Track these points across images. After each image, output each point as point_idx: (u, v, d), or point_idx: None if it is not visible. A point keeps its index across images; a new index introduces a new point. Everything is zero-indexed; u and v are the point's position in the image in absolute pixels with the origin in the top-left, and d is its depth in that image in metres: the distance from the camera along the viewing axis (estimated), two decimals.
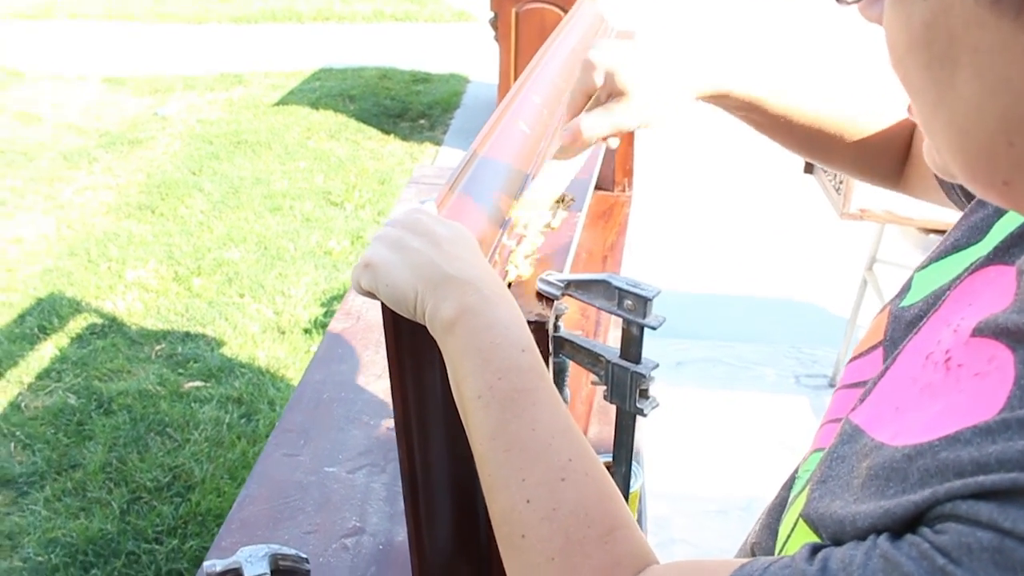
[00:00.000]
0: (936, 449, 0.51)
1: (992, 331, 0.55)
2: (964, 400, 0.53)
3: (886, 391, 0.63)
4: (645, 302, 0.81)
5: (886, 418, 0.60)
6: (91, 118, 6.03)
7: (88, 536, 2.57)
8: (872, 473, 0.55)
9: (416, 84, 6.75)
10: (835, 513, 0.56)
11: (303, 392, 1.52)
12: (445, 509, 0.95)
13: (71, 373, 3.31)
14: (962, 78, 0.47)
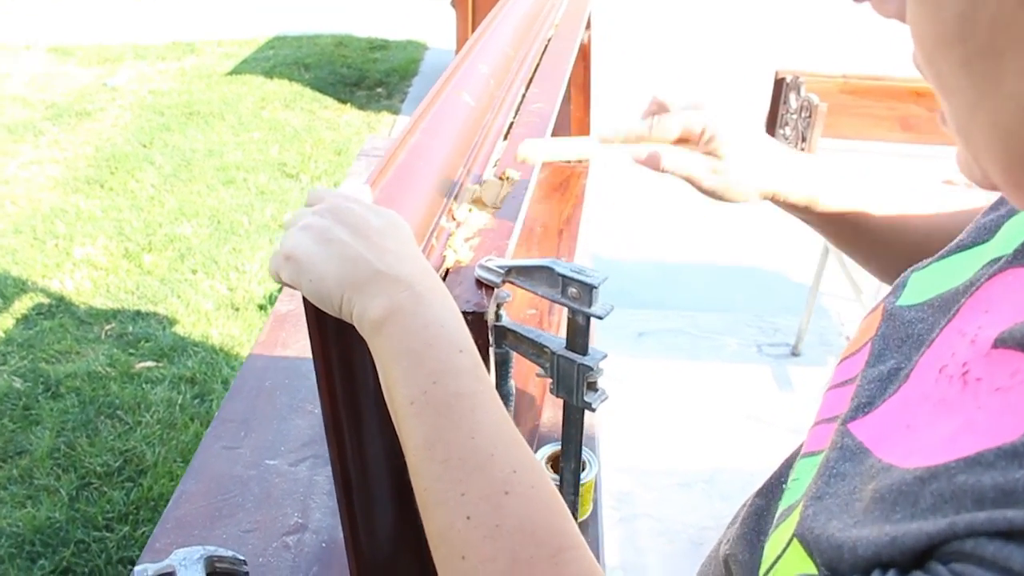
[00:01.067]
0: (953, 472, 0.46)
1: (1017, 342, 0.49)
2: (984, 418, 0.48)
3: (895, 408, 0.57)
4: (591, 290, 0.75)
5: (895, 437, 0.55)
6: (37, 89, 5.84)
7: (35, 525, 2.49)
8: (878, 496, 0.50)
9: (373, 51, 6.62)
10: (832, 536, 0.51)
11: (244, 379, 1.45)
12: (383, 509, 0.90)
13: (16, 355, 3.20)
14: (1007, 73, 0.42)
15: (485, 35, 1.43)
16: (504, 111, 1.22)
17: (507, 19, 1.54)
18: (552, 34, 1.61)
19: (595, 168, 2.23)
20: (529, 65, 1.42)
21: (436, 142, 1.02)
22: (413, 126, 1.05)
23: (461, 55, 1.32)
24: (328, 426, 0.80)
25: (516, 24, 1.54)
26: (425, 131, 1.04)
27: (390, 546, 0.93)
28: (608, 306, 0.77)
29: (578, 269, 0.76)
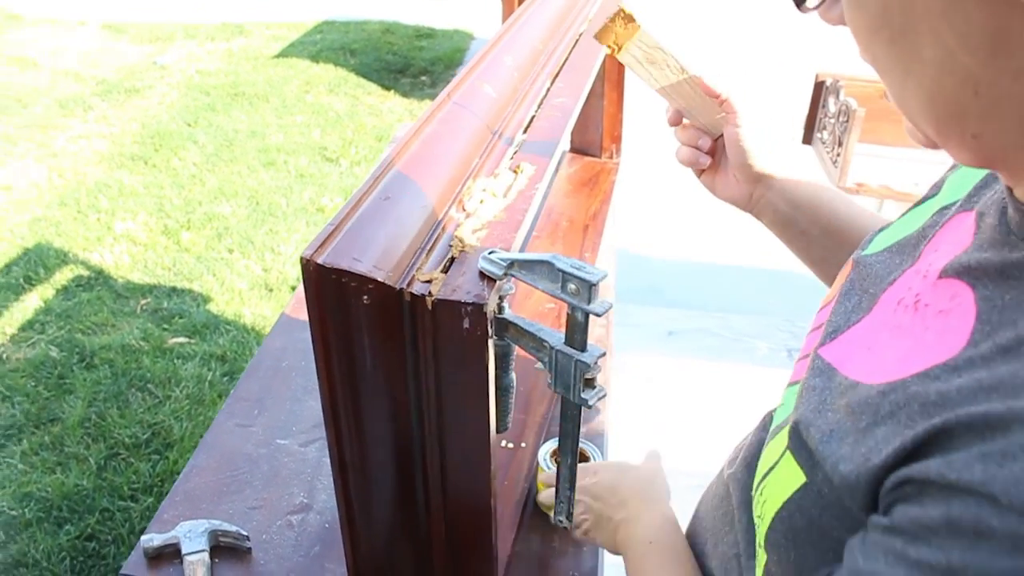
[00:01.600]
0: (907, 385, 0.56)
1: (955, 271, 0.60)
2: (931, 337, 0.58)
3: (858, 335, 0.68)
4: (589, 286, 0.75)
5: (858, 358, 0.65)
6: (89, 65, 5.94)
7: (63, 491, 2.54)
8: (848, 408, 0.60)
9: (420, 39, 6.64)
10: (813, 439, 0.62)
11: (261, 359, 1.47)
12: (380, 495, 0.91)
13: (55, 325, 3.27)
14: (923, 44, 0.50)
15: (515, 27, 1.43)
16: (526, 104, 1.22)
17: (539, 11, 1.54)
18: (585, 28, 1.61)
19: (626, 165, 2.23)
20: (557, 59, 1.42)
21: (452, 132, 1.03)
22: (431, 115, 1.06)
23: (488, 46, 1.32)
24: (325, 406, 0.81)
25: (548, 16, 1.53)
26: (442, 120, 1.05)
27: (386, 531, 0.94)
28: (607, 303, 0.77)
29: (578, 265, 0.76)
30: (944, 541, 0.47)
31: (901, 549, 0.50)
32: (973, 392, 0.50)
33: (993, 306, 0.55)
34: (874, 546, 0.52)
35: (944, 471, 0.48)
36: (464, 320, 0.76)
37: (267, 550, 1.13)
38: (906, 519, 0.50)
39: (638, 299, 3.45)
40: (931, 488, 0.49)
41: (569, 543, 1.16)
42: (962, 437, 0.49)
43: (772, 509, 0.64)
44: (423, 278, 0.78)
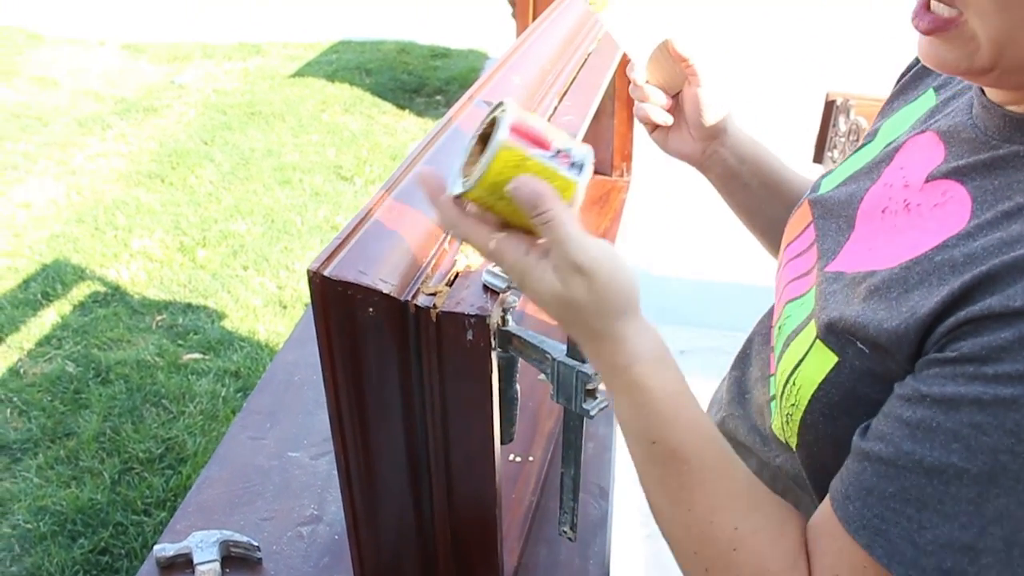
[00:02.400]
0: (930, 256, 0.65)
1: (942, 174, 0.71)
2: (933, 224, 0.68)
3: (853, 246, 0.76)
4: None
5: (863, 258, 0.73)
6: (108, 84, 6.02)
7: (78, 505, 2.56)
8: (872, 289, 0.68)
9: (434, 59, 6.69)
10: (847, 318, 0.68)
11: (274, 373, 1.49)
12: (386, 505, 0.92)
13: (71, 340, 3.31)
14: None
15: (523, 46, 1.46)
16: None
17: (548, 31, 1.56)
18: (593, 48, 1.63)
19: (637, 183, 2.24)
20: (565, 78, 1.44)
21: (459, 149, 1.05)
22: (438, 132, 1.08)
23: (496, 65, 1.34)
24: (332, 414, 0.83)
25: (557, 36, 1.56)
26: (449, 137, 1.07)
27: (393, 539, 0.96)
28: None
29: None
30: (1017, 353, 0.55)
31: (974, 371, 0.56)
32: (998, 247, 0.60)
33: (985, 190, 0.66)
34: (936, 377, 0.59)
35: (1006, 302, 0.56)
36: (468, 332, 0.78)
37: (277, 561, 1.14)
38: (976, 347, 0.57)
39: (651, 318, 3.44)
40: (993, 320, 0.56)
41: (575, 555, 1.17)
42: (1009, 276, 0.57)
43: (807, 393, 0.71)
44: (428, 291, 0.80)
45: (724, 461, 0.71)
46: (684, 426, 0.70)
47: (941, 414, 0.58)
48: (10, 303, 3.51)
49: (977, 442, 0.55)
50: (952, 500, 0.57)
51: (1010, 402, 0.54)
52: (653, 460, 0.71)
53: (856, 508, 0.61)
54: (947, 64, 0.67)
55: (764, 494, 0.72)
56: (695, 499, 0.70)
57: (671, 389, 0.70)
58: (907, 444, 0.59)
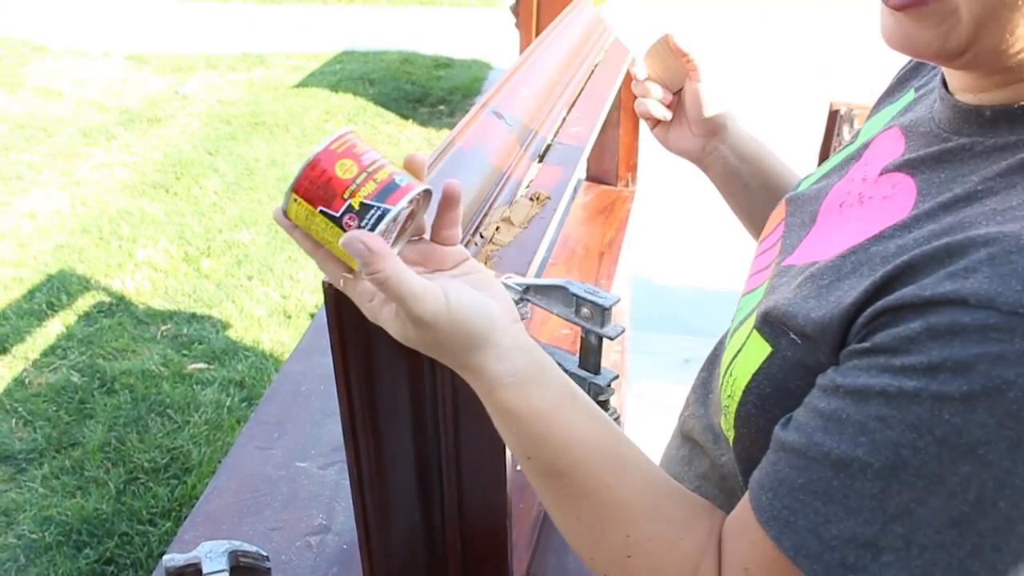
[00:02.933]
0: (865, 246, 0.65)
1: (895, 167, 0.71)
2: (878, 215, 0.67)
3: (810, 240, 0.76)
4: (602, 310, 0.78)
5: (815, 249, 0.73)
6: (112, 95, 6.04)
7: (83, 515, 2.57)
8: (807, 277, 0.68)
9: (438, 69, 6.71)
10: (779, 307, 0.67)
11: (281, 383, 1.49)
12: (398, 515, 0.92)
13: (76, 351, 3.31)
14: None
15: (531, 58, 1.46)
16: (543, 133, 1.25)
17: (556, 43, 1.57)
18: (600, 59, 1.64)
19: (642, 193, 2.25)
20: (573, 89, 1.45)
21: (469, 160, 1.06)
22: (450, 143, 1.08)
23: (505, 76, 1.35)
24: (344, 424, 0.83)
25: (564, 48, 1.56)
26: (460, 149, 1.07)
27: (404, 550, 0.96)
28: (619, 327, 0.80)
29: (591, 290, 0.79)
30: (924, 345, 0.54)
31: (885, 362, 0.56)
32: (927, 237, 0.59)
33: (931, 183, 0.66)
34: (853, 368, 0.58)
35: (918, 292, 0.55)
36: None
37: (286, 571, 1.14)
38: (888, 338, 0.56)
39: (654, 326, 3.46)
40: (907, 310, 0.55)
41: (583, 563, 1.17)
42: (928, 266, 0.56)
43: (742, 384, 0.70)
44: None
45: (610, 471, 0.70)
46: (557, 442, 0.69)
47: (852, 406, 0.57)
48: (15, 313, 3.52)
49: (881, 436, 0.55)
50: (856, 495, 0.56)
51: (913, 395, 0.54)
52: (533, 474, 0.71)
53: (768, 499, 0.61)
54: (918, 44, 0.64)
55: (663, 499, 0.70)
56: (581, 509, 0.69)
57: (539, 408, 0.69)
58: (818, 435, 0.58)
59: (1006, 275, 0.52)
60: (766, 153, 1.10)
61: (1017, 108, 0.63)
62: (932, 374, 0.53)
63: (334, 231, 0.66)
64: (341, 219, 0.65)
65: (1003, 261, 0.52)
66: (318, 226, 0.66)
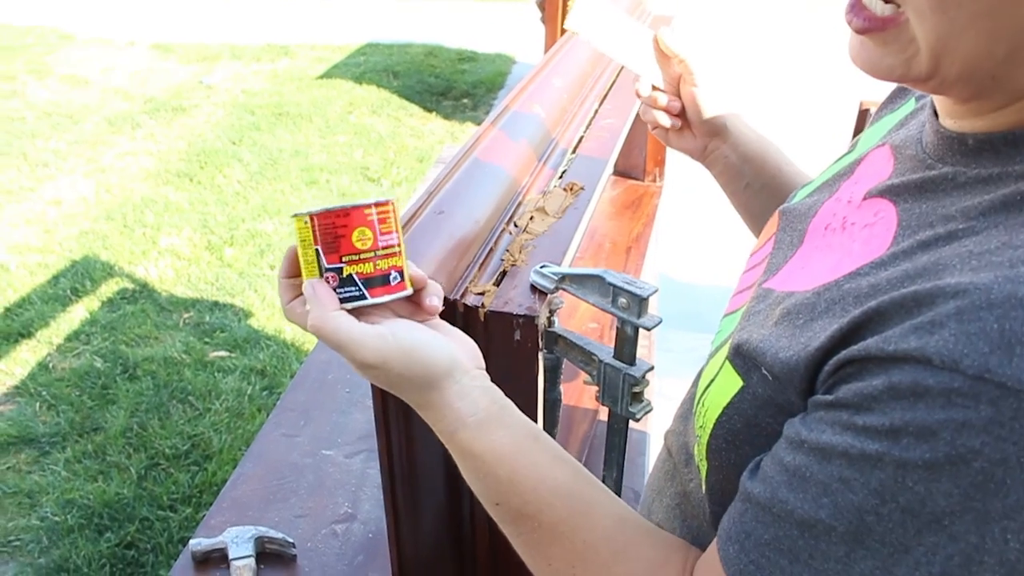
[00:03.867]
0: (840, 283, 0.62)
1: (879, 192, 0.67)
2: (859, 247, 0.64)
3: (794, 263, 0.73)
4: (640, 301, 0.77)
5: (794, 277, 0.70)
6: (137, 84, 6.07)
7: (105, 499, 2.58)
8: (784, 312, 0.65)
9: (462, 63, 6.71)
10: (752, 341, 0.65)
11: (307, 371, 1.49)
12: (427, 503, 0.92)
13: (99, 336, 3.33)
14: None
15: (563, 49, 1.46)
16: (575, 124, 1.24)
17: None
18: None
19: (669, 190, 2.24)
20: (605, 81, 1.44)
21: (503, 151, 1.05)
22: (483, 134, 1.08)
23: (537, 68, 1.34)
24: (377, 412, 0.83)
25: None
26: (494, 139, 1.07)
27: (432, 539, 0.96)
28: (656, 318, 0.79)
29: (629, 280, 0.78)
30: (886, 405, 0.51)
31: (847, 419, 0.53)
32: (900, 280, 0.56)
33: (911, 214, 0.62)
34: (818, 421, 0.55)
35: (882, 345, 0.52)
36: (516, 332, 0.77)
37: (312, 558, 1.14)
38: (850, 393, 0.53)
39: (678, 324, 3.44)
40: (871, 363, 0.53)
41: None
42: (894, 315, 0.53)
43: (713, 417, 0.68)
44: (476, 290, 0.80)
45: (578, 514, 0.69)
46: (524, 486, 0.68)
47: (815, 463, 0.55)
48: (40, 299, 3.55)
49: (844, 499, 0.53)
50: (822, 556, 0.54)
51: (875, 459, 0.51)
52: (503, 520, 0.70)
53: (735, 551, 0.59)
54: (880, 69, 0.61)
55: (635, 538, 0.69)
56: (552, 554, 0.68)
57: (504, 451, 0.68)
58: (783, 491, 0.56)
59: (973, 334, 0.49)
60: (771, 153, 1.08)
61: (1000, 137, 0.59)
62: (895, 438, 0.50)
63: (312, 270, 0.68)
64: (324, 271, 0.67)
65: (971, 318, 0.49)
66: (306, 253, 0.68)
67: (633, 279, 0.78)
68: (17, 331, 3.34)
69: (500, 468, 0.68)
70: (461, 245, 0.85)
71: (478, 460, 0.68)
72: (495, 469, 0.68)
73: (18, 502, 2.59)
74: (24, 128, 5.20)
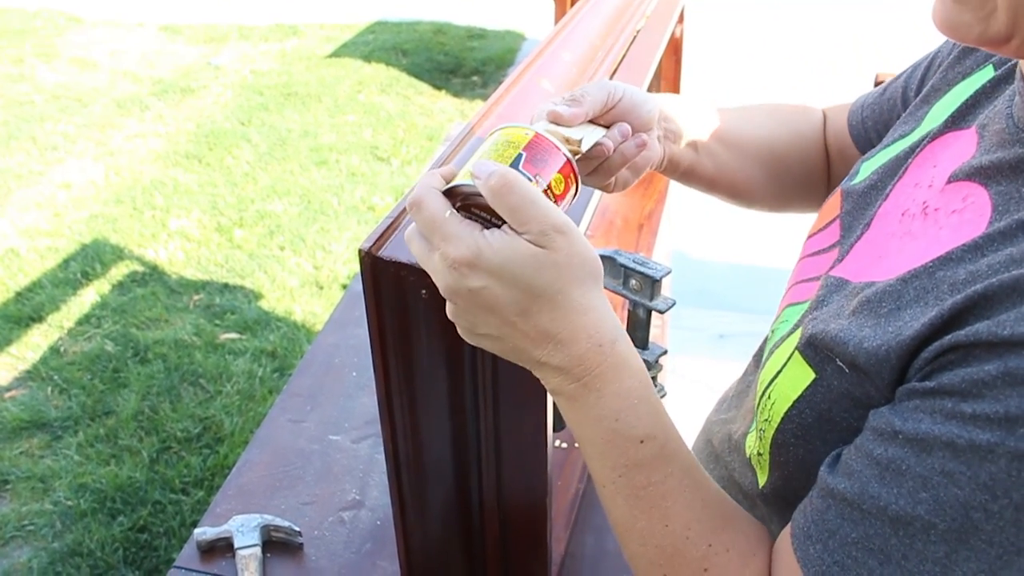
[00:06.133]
0: (931, 269, 0.57)
1: (965, 174, 0.62)
2: (947, 233, 0.59)
3: (864, 250, 0.69)
4: (652, 282, 0.74)
5: (870, 266, 0.66)
6: (146, 65, 6.04)
7: (117, 483, 2.58)
8: (864, 301, 0.60)
9: (471, 40, 6.64)
10: (829, 332, 0.61)
11: (314, 355, 1.47)
12: (434, 492, 0.90)
13: (110, 320, 3.32)
14: None
15: (572, 23, 1.42)
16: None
17: (596, 8, 1.52)
18: (642, 26, 1.59)
19: None
20: (615, 55, 1.40)
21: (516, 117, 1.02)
22: (488, 110, 1.04)
23: (545, 42, 1.31)
24: (381, 399, 0.80)
25: (605, 13, 1.52)
26: (501, 116, 1.03)
27: (439, 529, 0.93)
28: (670, 300, 0.76)
29: (641, 261, 0.75)
30: (1001, 392, 0.47)
31: (952, 407, 0.49)
32: (1004, 264, 0.52)
33: (1009, 197, 0.57)
34: (914, 410, 0.51)
35: (995, 330, 0.48)
36: None
37: (319, 546, 1.12)
38: (956, 379, 0.49)
39: (690, 301, 3.40)
40: (980, 349, 0.49)
41: None
42: (1005, 300, 0.49)
43: (781, 409, 0.65)
44: None
45: (697, 467, 0.65)
46: (668, 421, 0.63)
47: (912, 456, 0.50)
48: (50, 282, 3.54)
49: (947, 494, 0.48)
50: (917, 557, 0.50)
51: (986, 450, 0.47)
52: (639, 465, 0.61)
53: (817, 552, 0.55)
54: (960, 28, 0.57)
55: (734, 508, 0.66)
56: (673, 512, 0.62)
57: (646, 378, 0.62)
58: (874, 486, 0.52)
59: None
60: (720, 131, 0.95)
61: None
62: (1010, 427, 0.46)
63: (507, 156, 0.62)
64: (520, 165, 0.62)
65: None
66: (503, 155, 0.63)
67: (645, 259, 0.75)
68: (28, 315, 3.33)
69: (653, 395, 0.62)
70: None
71: (635, 380, 0.61)
72: (650, 395, 0.62)
73: (31, 487, 2.59)
74: (33, 112, 5.18)
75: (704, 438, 0.91)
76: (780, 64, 5.99)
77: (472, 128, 0.99)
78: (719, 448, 0.84)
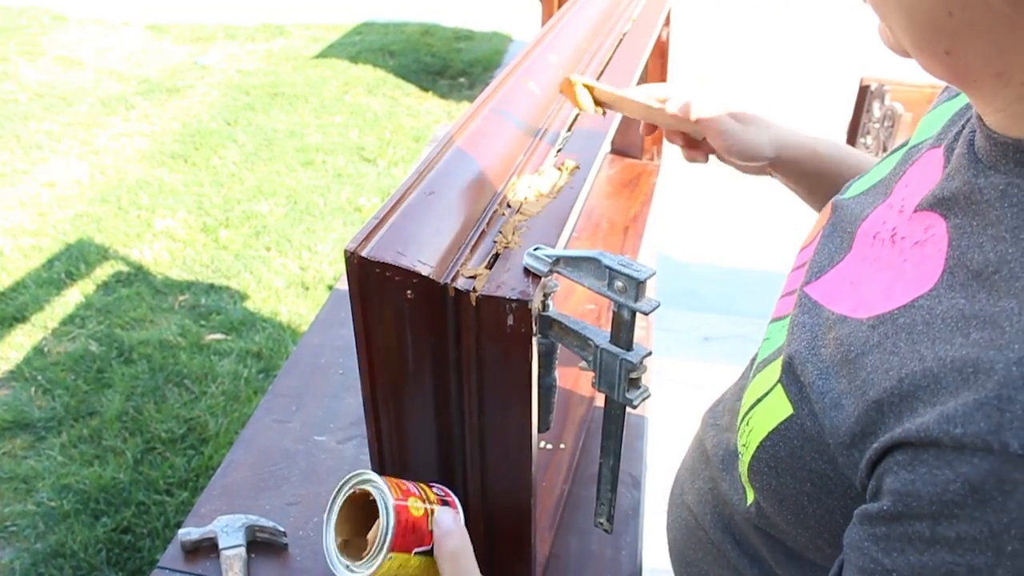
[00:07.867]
0: (895, 316, 0.59)
1: (928, 204, 0.63)
2: (910, 268, 0.61)
3: (840, 272, 0.70)
4: (637, 284, 0.74)
5: (841, 293, 0.67)
6: (132, 64, 6.01)
7: (101, 484, 2.57)
8: (839, 342, 0.62)
9: (458, 41, 6.65)
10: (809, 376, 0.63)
11: (300, 356, 1.47)
12: None
13: (94, 320, 3.31)
14: None
15: (559, 25, 1.42)
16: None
17: (583, 10, 1.53)
18: (628, 28, 1.60)
19: (667, 168, 2.20)
20: (601, 58, 1.40)
21: (496, 129, 1.02)
22: (475, 112, 1.05)
23: (532, 43, 1.31)
24: (366, 399, 0.80)
25: (591, 16, 1.52)
26: (486, 117, 1.04)
27: None
28: (654, 302, 0.76)
29: (625, 263, 0.75)
30: (974, 510, 0.45)
31: (931, 534, 0.47)
32: (955, 321, 0.53)
33: (962, 232, 0.58)
34: (896, 540, 0.49)
35: (947, 427, 0.46)
36: (508, 317, 0.75)
37: (304, 546, 1.12)
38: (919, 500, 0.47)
39: (675, 303, 3.42)
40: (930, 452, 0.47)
41: (607, 545, 1.15)
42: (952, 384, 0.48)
43: (757, 438, 0.66)
44: (468, 273, 0.77)
45: None
46: None
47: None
48: (34, 282, 3.52)
49: None
50: None
51: (988, 572, 0.45)
52: None
53: None
54: (886, 40, 0.60)
55: None
56: None
57: None
58: None
59: None
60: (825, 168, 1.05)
61: None
62: (997, 546, 0.44)
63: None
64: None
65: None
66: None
67: (630, 261, 0.75)
68: (11, 315, 3.31)
69: None
70: (453, 227, 0.82)
71: None
72: None
73: (14, 487, 2.57)
74: (17, 110, 5.15)
75: (699, 438, 0.92)
76: (765, 66, 6.01)
77: (459, 128, 1.00)
78: (711, 452, 0.85)
